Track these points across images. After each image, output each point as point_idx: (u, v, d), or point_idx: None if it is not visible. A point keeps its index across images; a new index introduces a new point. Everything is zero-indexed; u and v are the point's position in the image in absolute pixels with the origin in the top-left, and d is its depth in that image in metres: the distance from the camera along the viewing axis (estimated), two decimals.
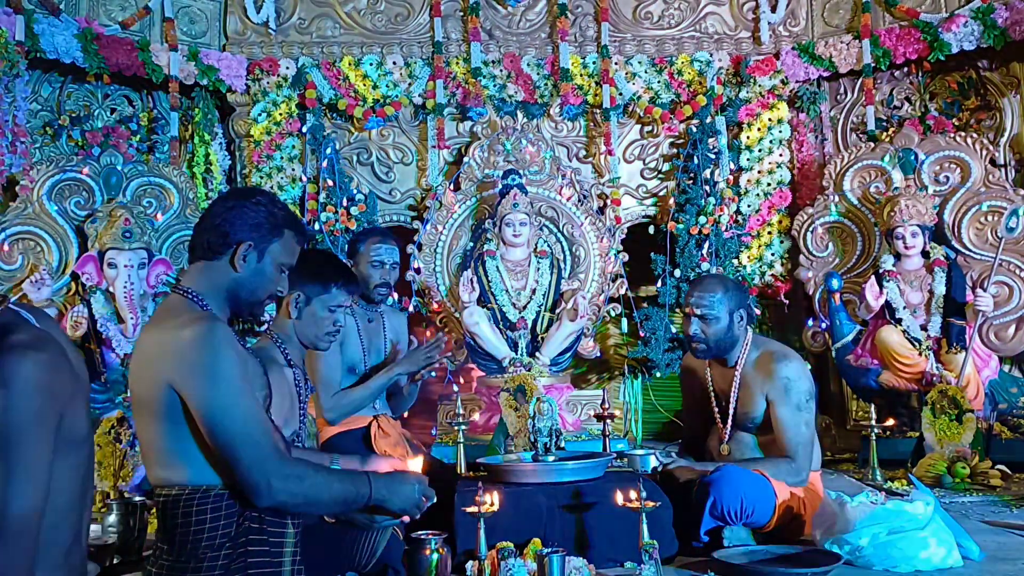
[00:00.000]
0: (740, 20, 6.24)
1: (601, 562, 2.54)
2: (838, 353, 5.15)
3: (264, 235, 1.96)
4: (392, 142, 6.24)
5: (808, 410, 2.88)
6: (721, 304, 2.93)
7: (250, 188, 3.08)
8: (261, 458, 1.76)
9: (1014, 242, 4.97)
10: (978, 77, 5.74)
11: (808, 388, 2.90)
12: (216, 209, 1.97)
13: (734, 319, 2.95)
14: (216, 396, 1.74)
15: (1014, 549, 2.80)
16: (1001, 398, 4.80)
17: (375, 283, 3.41)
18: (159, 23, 5.87)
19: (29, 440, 1.28)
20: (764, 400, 2.92)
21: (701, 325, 2.95)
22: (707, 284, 3.02)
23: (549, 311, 5.27)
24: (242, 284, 1.96)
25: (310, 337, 2.69)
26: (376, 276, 3.41)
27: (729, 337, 2.96)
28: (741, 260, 5.92)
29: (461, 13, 6.23)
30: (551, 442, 2.88)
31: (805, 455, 2.88)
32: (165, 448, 1.78)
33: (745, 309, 3.00)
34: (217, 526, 1.77)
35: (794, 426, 2.86)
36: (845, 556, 2.50)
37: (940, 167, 5.35)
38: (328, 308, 2.66)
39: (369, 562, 2.29)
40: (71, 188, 4.98)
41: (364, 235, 3.59)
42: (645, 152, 6.27)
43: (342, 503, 1.90)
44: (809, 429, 2.90)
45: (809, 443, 2.90)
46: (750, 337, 3.03)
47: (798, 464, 2.86)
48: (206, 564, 1.75)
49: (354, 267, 3.39)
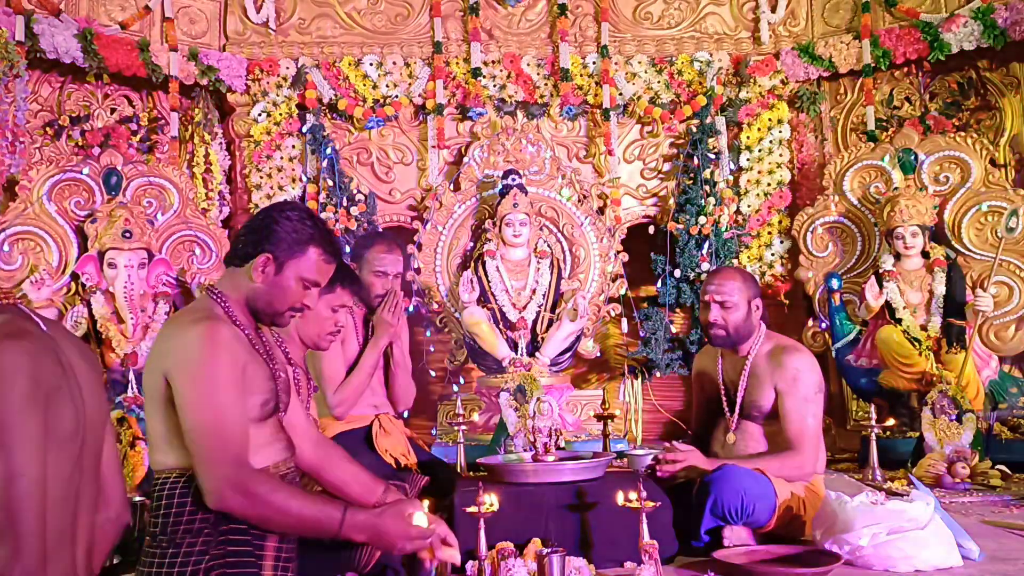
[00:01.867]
0: (740, 20, 6.24)
1: (601, 562, 2.54)
2: (838, 353, 5.16)
3: (285, 249, 1.97)
4: (392, 142, 6.24)
5: (816, 403, 2.90)
6: (740, 292, 2.98)
7: (288, 202, 3.08)
8: (219, 462, 1.77)
9: (1014, 242, 4.97)
10: (978, 77, 5.74)
11: (817, 381, 2.92)
12: (253, 218, 2.03)
13: (751, 308, 3.00)
14: (193, 392, 1.79)
15: (1014, 549, 2.80)
16: (1001, 398, 4.80)
17: (376, 292, 3.38)
18: (159, 23, 5.87)
19: (22, 418, 1.31)
20: (773, 391, 2.94)
21: (721, 312, 2.98)
22: (726, 273, 3.09)
23: (549, 311, 5.27)
24: (258, 294, 1.99)
25: (312, 336, 2.68)
26: (378, 285, 3.38)
27: (747, 326, 3.00)
28: (741, 260, 5.92)
29: (461, 13, 6.23)
30: (551, 442, 2.87)
31: (810, 448, 2.88)
32: (160, 433, 1.85)
33: (760, 300, 3.05)
34: (196, 511, 1.79)
35: (800, 418, 2.87)
36: (845, 556, 2.50)
37: (940, 167, 5.35)
38: (331, 308, 2.67)
39: (369, 563, 2.29)
40: (71, 188, 4.98)
41: (369, 241, 3.56)
42: (645, 152, 6.28)
43: (308, 530, 1.86)
44: (816, 422, 2.90)
45: (815, 437, 2.90)
46: (763, 329, 3.06)
47: (803, 457, 2.86)
48: (184, 549, 1.77)
49: (356, 271, 3.37)
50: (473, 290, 5.17)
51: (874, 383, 4.98)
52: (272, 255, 1.96)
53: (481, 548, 2.34)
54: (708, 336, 3.07)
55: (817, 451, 2.93)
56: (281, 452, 1.99)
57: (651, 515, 2.36)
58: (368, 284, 3.37)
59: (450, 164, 6.15)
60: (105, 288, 4.70)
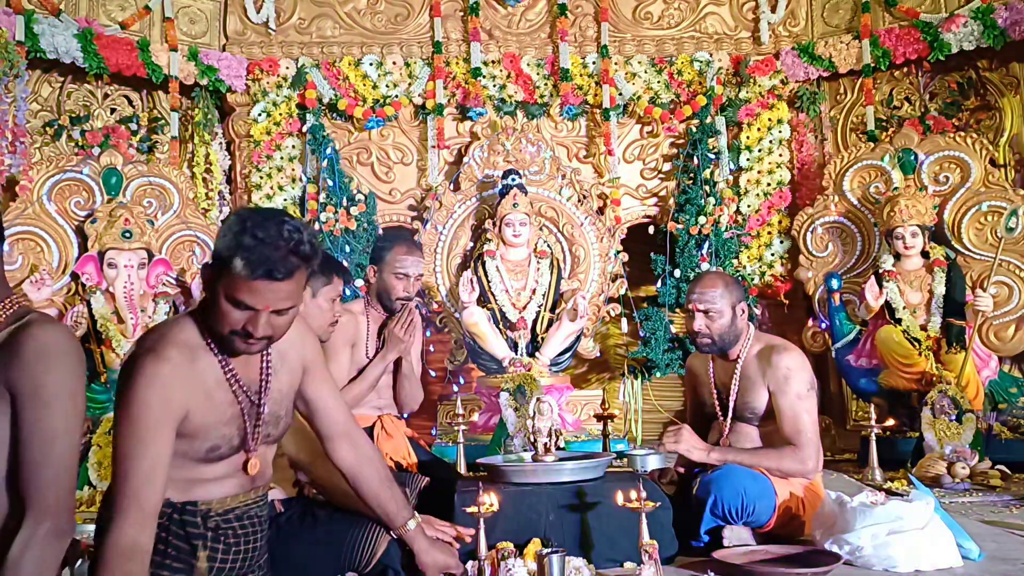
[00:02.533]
0: (740, 20, 6.24)
1: (601, 562, 2.54)
2: (838, 353, 5.16)
3: (214, 262, 1.71)
4: (392, 142, 6.23)
5: (809, 399, 2.88)
6: (723, 298, 2.96)
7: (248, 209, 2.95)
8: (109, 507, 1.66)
9: (1014, 242, 4.97)
10: (978, 77, 5.74)
11: (808, 379, 2.90)
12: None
13: (736, 312, 2.97)
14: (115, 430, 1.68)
15: (1014, 549, 2.79)
16: (1001, 398, 4.80)
17: (397, 295, 3.30)
18: (159, 23, 5.87)
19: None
20: (766, 391, 2.92)
21: (705, 320, 2.96)
22: (707, 280, 3.05)
23: (549, 311, 5.28)
24: (206, 310, 1.75)
25: (314, 329, 2.69)
26: (399, 288, 3.30)
27: (733, 331, 2.98)
28: (741, 260, 5.92)
29: (461, 13, 6.23)
30: (551, 442, 2.87)
31: (809, 444, 2.85)
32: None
33: (745, 303, 3.03)
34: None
35: (795, 415, 2.85)
36: (845, 556, 2.50)
37: (940, 167, 5.35)
38: (331, 299, 2.70)
39: (369, 563, 2.29)
40: (71, 188, 4.98)
41: (390, 243, 3.47)
42: (645, 152, 6.27)
43: None
44: (811, 418, 2.88)
45: (813, 433, 2.87)
46: (752, 331, 3.05)
47: (803, 453, 2.84)
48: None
49: (376, 274, 3.33)
50: (473, 290, 5.17)
51: (874, 383, 4.98)
52: (204, 268, 1.74)
53: (481, 548, 2.34)
54: (695, 344, 3.06)
55: (818, 447, 2.93)
56: (237, 487, 1.86)
57: (651, 515, 2.36)
58: (389, 286, 3.30)
59: (450, 164, 6.15)
60: (105, 288, 4.70)
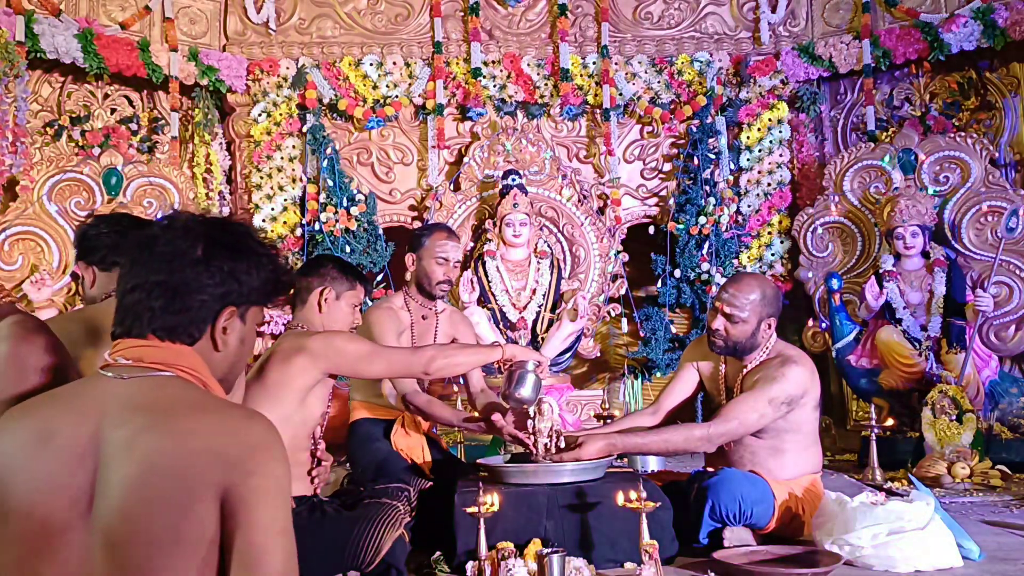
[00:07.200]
0: (740, 20, 6.24)
1: (601, 562, 2.54)
2: (838, 353, 5.15)
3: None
4: (392, 142, 6.23)
5: (775, 409, 2.72)
6: (752, 309, 2.80)
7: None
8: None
9: (1014, 242, 4.97)
10: (978, 77, 5.74)
11: (792, 394, 2.75)
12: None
13: (760, 327, 2.83)
14: None
15: (1014, 549, 2.79)
16: (1001, 398, 4.80)
17: (438, 279, 3.34)
18: (159, 23, 5.87)
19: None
20: None
21: (725, 323, 2.82)
22: (745, 284, 2.86)
23: (549, 311, 5.28)
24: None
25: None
26: (440, 272, 3.34)
27: (751, 342, 2.84)
28: (741, 260, 5.92)
29: (461, 13, 6.23)
30: (551, 442, 2.87)
31: (727, 434, 2.74)
32: None
33: (775, 319, 2.86)
34: None
35: (748, 407, 2.73)
36: (845, 556, 2.50)
37: (940, 167, 5.35)
38: (352, 304, 2.72)
39: (373, 560, 2.29)
40: (71, 188, 4.98)
41: (429, 230, 3.51)
42: (645, 152, 6.28)
43: None
44: (758, 419, 2.72)
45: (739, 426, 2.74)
46: (773, 342, 2.90)
47: (712, 432, 2.72)
48: None
49: (416, 261, 3.35)
50: (473, 290, 5.17)
51: (874, 383, 4.98)
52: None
53: (481, 548, 2.34)
54: (709, 341, 2.94)
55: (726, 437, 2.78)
56: None
57: (651, 515, 2.36)
58: (430, 271, 3.33)
59: (450, 164, 6.15)
60: None
